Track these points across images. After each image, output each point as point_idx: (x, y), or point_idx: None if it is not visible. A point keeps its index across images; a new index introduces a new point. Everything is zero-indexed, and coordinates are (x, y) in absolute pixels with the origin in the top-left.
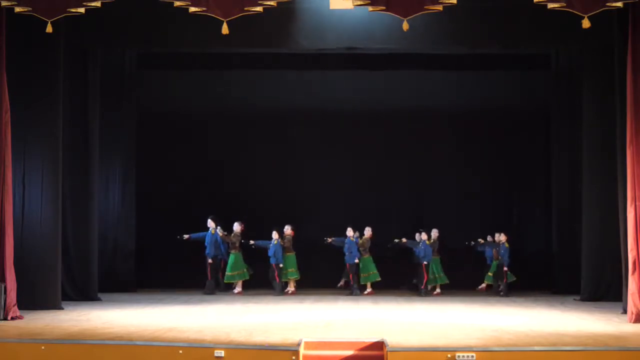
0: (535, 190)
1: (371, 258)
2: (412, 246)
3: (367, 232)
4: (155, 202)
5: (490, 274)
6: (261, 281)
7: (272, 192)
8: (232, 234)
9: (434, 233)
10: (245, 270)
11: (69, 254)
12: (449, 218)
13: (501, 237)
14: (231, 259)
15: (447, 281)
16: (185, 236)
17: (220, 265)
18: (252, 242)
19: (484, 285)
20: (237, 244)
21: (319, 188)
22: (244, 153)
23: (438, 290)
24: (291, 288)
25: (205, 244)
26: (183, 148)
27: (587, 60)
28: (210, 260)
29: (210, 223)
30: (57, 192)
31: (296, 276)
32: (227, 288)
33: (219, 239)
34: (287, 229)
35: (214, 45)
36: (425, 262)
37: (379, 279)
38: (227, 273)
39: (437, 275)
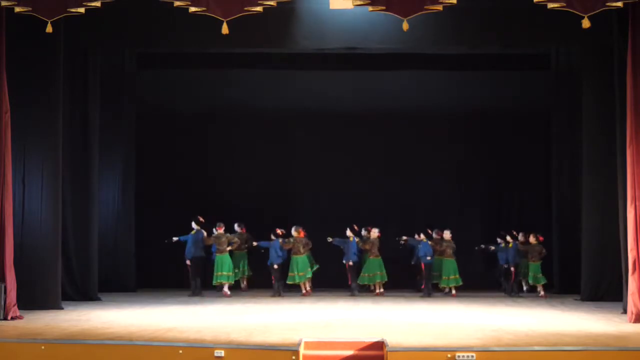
0: (535, 190)
1: (380, 259)
2: (414, 244)
3: (374, 232)
4: (155, 202)
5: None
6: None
7: (272, 192)
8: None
9: (447, 234)
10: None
11: (69, 254)
12: (449, 218)
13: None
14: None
15: (460, 283)
16: (174, 239)
17: (202, 266)
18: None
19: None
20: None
21: (319, 187)
22: (243, 153)
23: (453, 291)
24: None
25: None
26: (183, 148)
27: (587, 60)
28: (188, 262)
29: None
30: (57, 192)
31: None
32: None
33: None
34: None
35: (214, 45)
36: (426, 263)
37: (385, 279)
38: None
39: (450, 277)
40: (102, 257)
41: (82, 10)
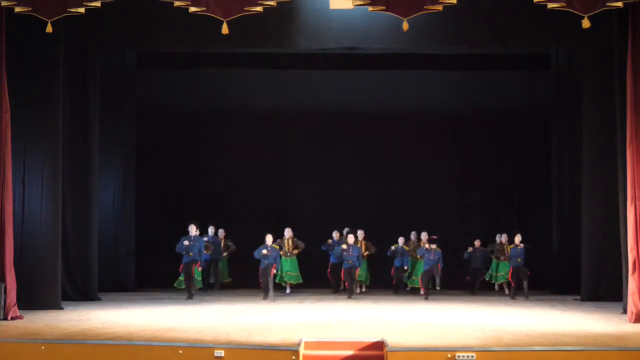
0: (535, 190)
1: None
2: (422, 253)
3: (360, 234)
4: (155, 202)
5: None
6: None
7: (272, 191)
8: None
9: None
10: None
11: (69, 254)
12: (449, 218)
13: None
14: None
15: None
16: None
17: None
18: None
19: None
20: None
21: (318, 187)
22: (243, 152)
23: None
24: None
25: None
26: (183, 147)
27: (587, 60)
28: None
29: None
30: (57, 192)
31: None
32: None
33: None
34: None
35: (214, 45)
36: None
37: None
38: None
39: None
40: (102, 257)
41: (82, 10)
